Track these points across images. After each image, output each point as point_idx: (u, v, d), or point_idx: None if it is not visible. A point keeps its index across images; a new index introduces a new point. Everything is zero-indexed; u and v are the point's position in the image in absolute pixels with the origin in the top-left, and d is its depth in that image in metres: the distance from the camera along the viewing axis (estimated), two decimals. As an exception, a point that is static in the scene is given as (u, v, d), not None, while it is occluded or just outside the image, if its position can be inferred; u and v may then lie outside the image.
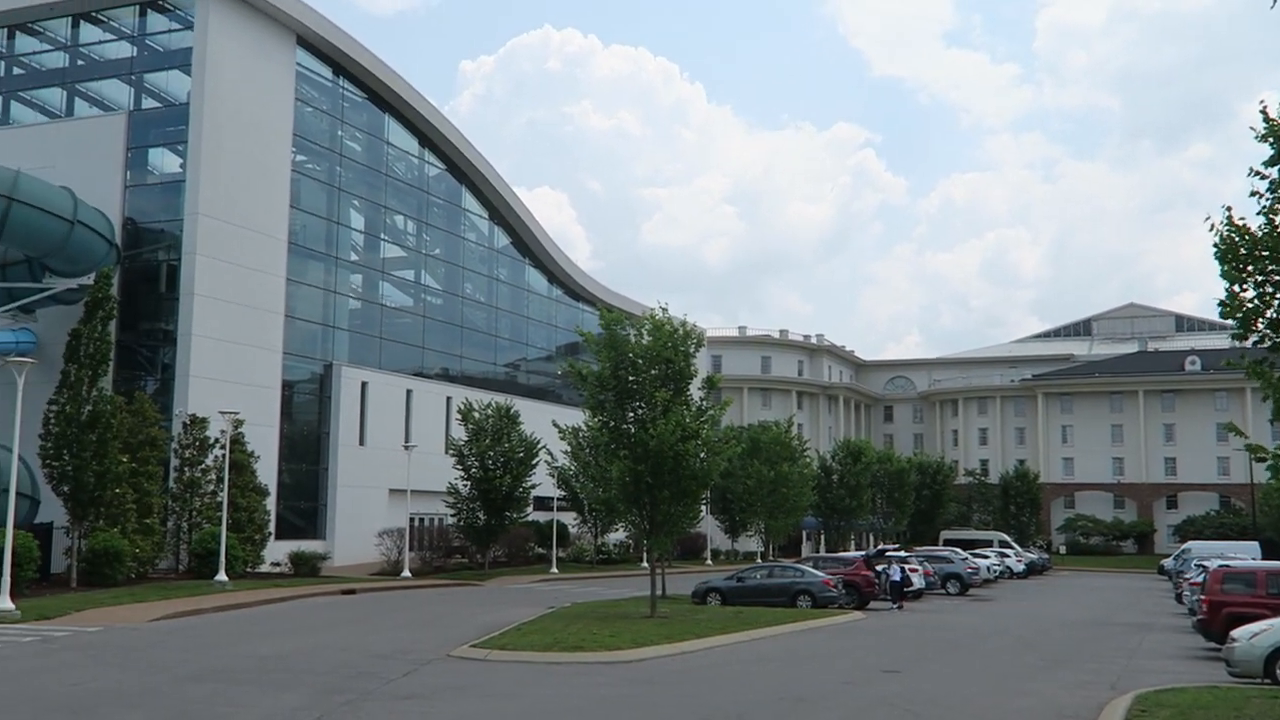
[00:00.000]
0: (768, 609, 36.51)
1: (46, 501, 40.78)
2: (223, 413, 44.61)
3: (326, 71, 57.54)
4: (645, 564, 63.16)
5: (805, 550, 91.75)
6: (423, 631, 28.79)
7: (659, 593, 35.98)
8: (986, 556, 63.88)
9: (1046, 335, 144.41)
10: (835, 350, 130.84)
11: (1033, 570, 75.76)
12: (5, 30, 53.85)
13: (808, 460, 75.82)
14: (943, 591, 52.05)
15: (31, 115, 54.22)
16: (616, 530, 67.10)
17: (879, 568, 43.82)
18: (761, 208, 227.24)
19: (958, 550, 60.18)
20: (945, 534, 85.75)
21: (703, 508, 57.62)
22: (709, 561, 76.13)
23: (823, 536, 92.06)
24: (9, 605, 29.25)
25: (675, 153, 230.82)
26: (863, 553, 49.66)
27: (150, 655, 22.78)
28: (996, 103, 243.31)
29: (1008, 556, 70.97)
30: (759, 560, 69.79)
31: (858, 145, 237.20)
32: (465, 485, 56.44)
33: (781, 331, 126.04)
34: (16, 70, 54.56)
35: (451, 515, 57.72)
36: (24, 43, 54.14)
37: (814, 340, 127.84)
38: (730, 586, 40.46)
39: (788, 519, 71.01)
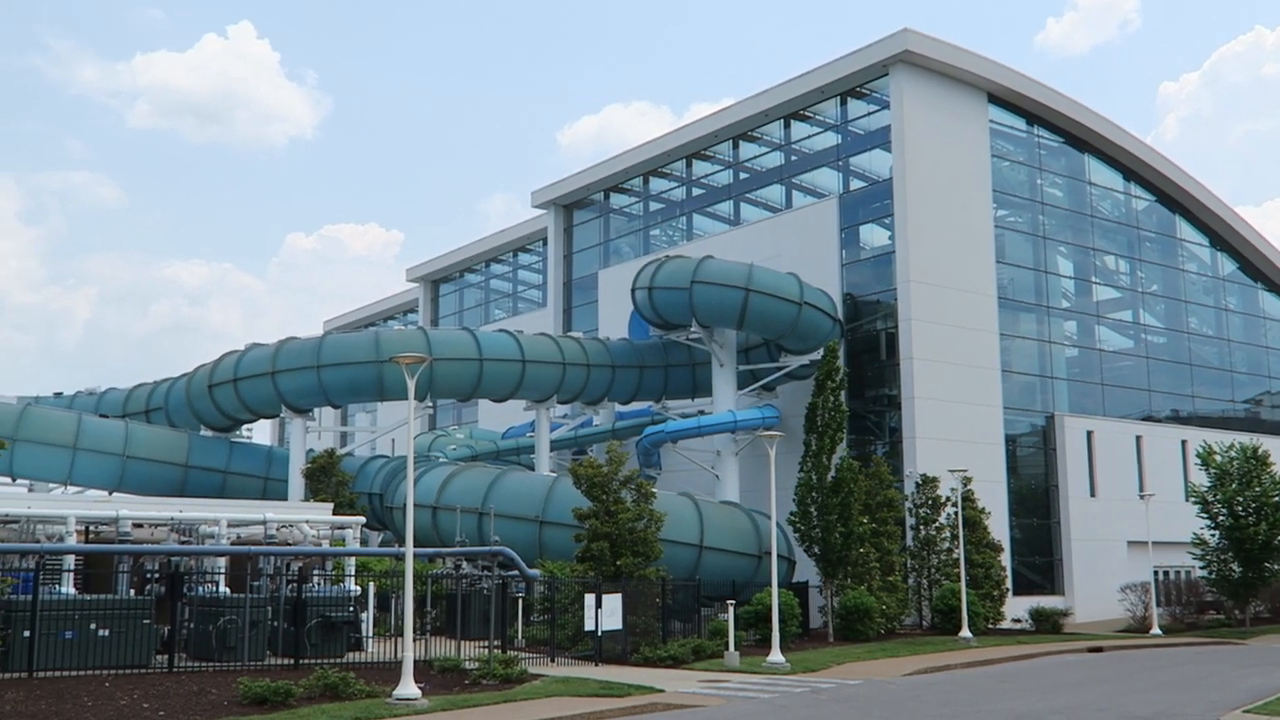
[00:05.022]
0: None
1: (800, 562, 44.59)
2: (952, 471, 45.74)
3: (1020, 123, 57.56)
4: None
5: None
6: (1183, 694, 26.99)
7: None
8: None
9: None
10: None
11: None
12: (731, 141, 60.89)
13: None
14: None
15: (756, 213, 60.41)
16: None
17: None
18: None
19: None
20: None
21: None
22: None
23: None
24: (779, 658, 32.32)
25: None
26: None
27: (910, 709, 23.82)
28: None
29: None
30: None
31: None
32: (1213, 535, 52.23)
33: None
34: (743, 174, 61.30)
35: (1200, 568, 53.65)
36: (746, 150, 60.80)
37: None
38: None
39: None
